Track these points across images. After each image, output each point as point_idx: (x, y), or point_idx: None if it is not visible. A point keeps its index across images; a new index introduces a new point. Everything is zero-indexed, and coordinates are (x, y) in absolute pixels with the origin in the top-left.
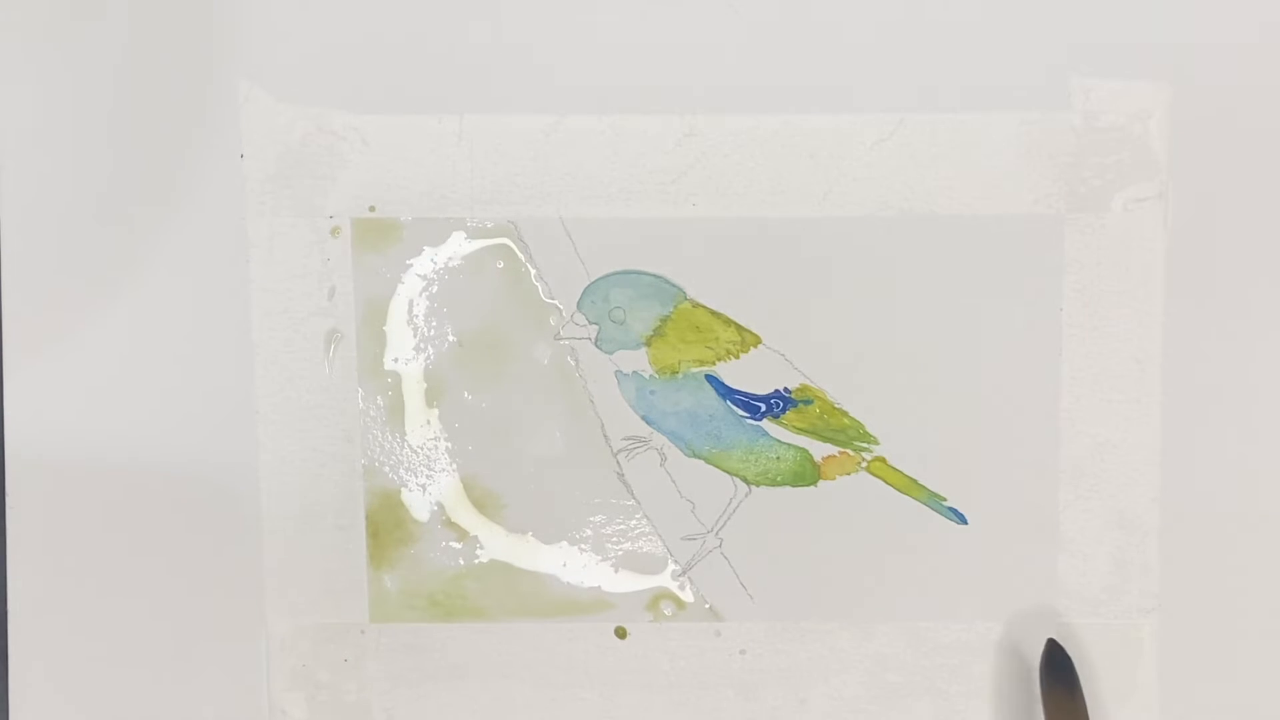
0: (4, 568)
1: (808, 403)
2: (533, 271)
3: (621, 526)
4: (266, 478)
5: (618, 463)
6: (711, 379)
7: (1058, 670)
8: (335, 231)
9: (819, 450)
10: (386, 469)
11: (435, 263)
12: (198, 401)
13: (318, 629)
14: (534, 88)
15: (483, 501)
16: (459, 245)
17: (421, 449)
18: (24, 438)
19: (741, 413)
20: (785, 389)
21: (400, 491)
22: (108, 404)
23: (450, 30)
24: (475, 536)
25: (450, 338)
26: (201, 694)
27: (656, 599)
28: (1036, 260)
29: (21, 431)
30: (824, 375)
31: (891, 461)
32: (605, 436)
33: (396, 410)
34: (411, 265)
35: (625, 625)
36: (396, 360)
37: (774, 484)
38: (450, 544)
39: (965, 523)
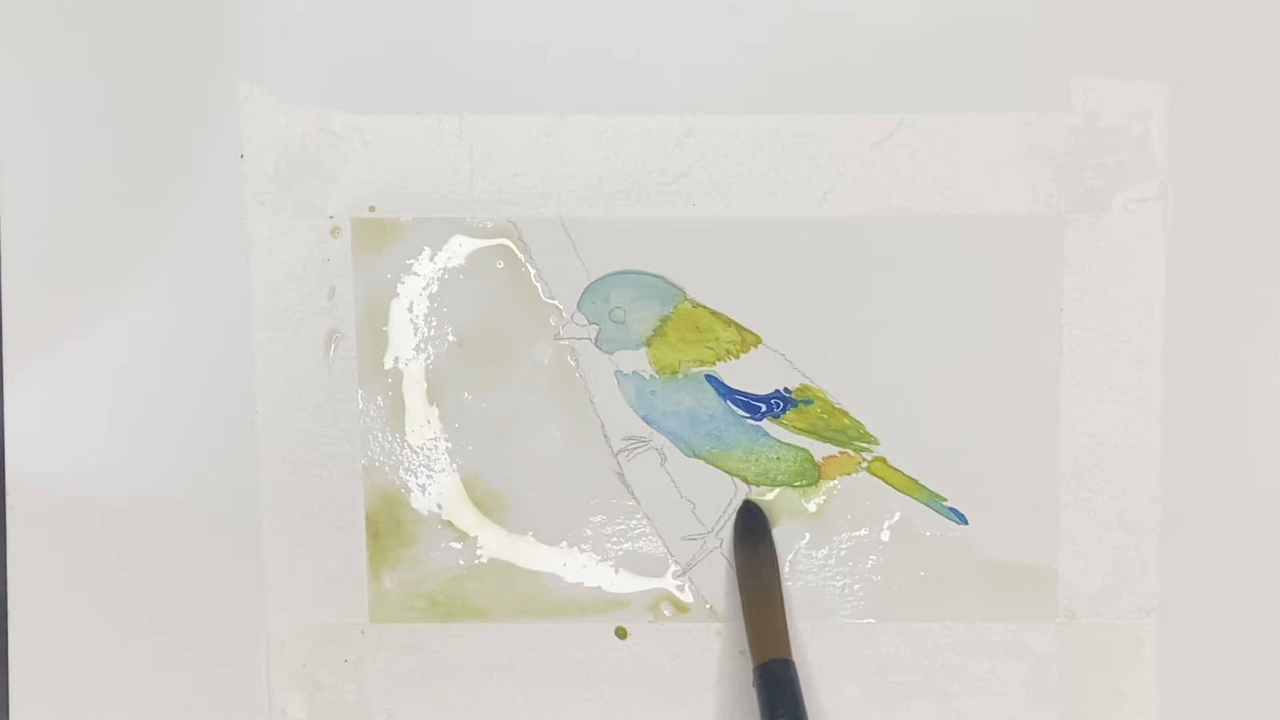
0: (4, 568)
1: (808, 403)
2: (533, 271)
3: (621, 526)
4: (266, 478)
5: (618, 463)
6: (711, 379)
7: (748, 527)
8: (335, 231)
9: (819, 450)
10: (386, 469)
11: (435, 263)
12: (197, 402)
13: (318, 629)
14: (534, 88)
15: (483, 501)
16: (459, 245)
17: (421, 449)
18: (24, 438)
19: (741, 413)
20: (785, 389)
21: (400, 491)
22: (108, 404)
23: (450, 30)
24: (475, 536)
25: (450, 338)
26: (201, 694)
27: (657, 599)
28: (1036, 260)
29: (21, 431)
30: (824, 375)
31: (891, 461)
32: (605, 436)
33: (396, 410)
34: (411, 265)
35: (625, 625)
36: (396, 360)
37: (774, 484)
38: (450, 544)
39: (965, 523)
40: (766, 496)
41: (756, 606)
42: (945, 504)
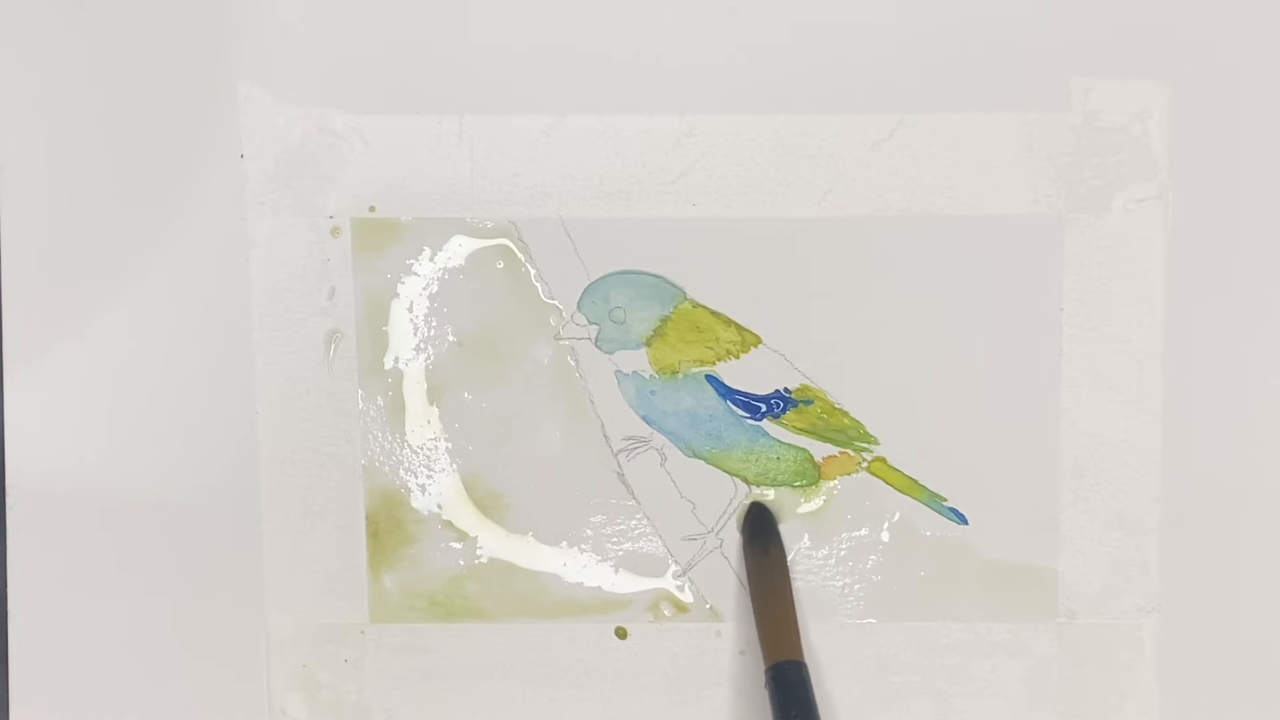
0: (4, 568)
1: (808, 403)
2: (533, 271)
3: (621, 526)
4: (266, 478)
5: (618, 463)
6: (711, 379)
7: (757, 529)
8: (335, 231)
9: (819, 450)
10: (386, 469)
11: (435, 263)
12: (197, 402)
13: (318, 629)
14: (534, 88)
15: (483, 501)
16: (459, 245)
17: (421, 449)
18: (24, 437)
19: (741, 413)
20: (785, 389)
21: (400, 491)
22: (108, 404)
23: (450, 30)
24: (475, 536)
25: (450, 338)
26: (201, 694)
27: (657, 599)
28: (1036, 260)
29: (22, 431)
30: (824, 375)
31: (891, 461)
32: (605, 436)
33: (396, 410)
34: (411, 265)
35: (625, 625)
36: (396, 360)
37: (774, 484)
38: (450, 544)
39: (965, 523)
40: (766, 496)
41: (768, 608)
42: (945, 504)
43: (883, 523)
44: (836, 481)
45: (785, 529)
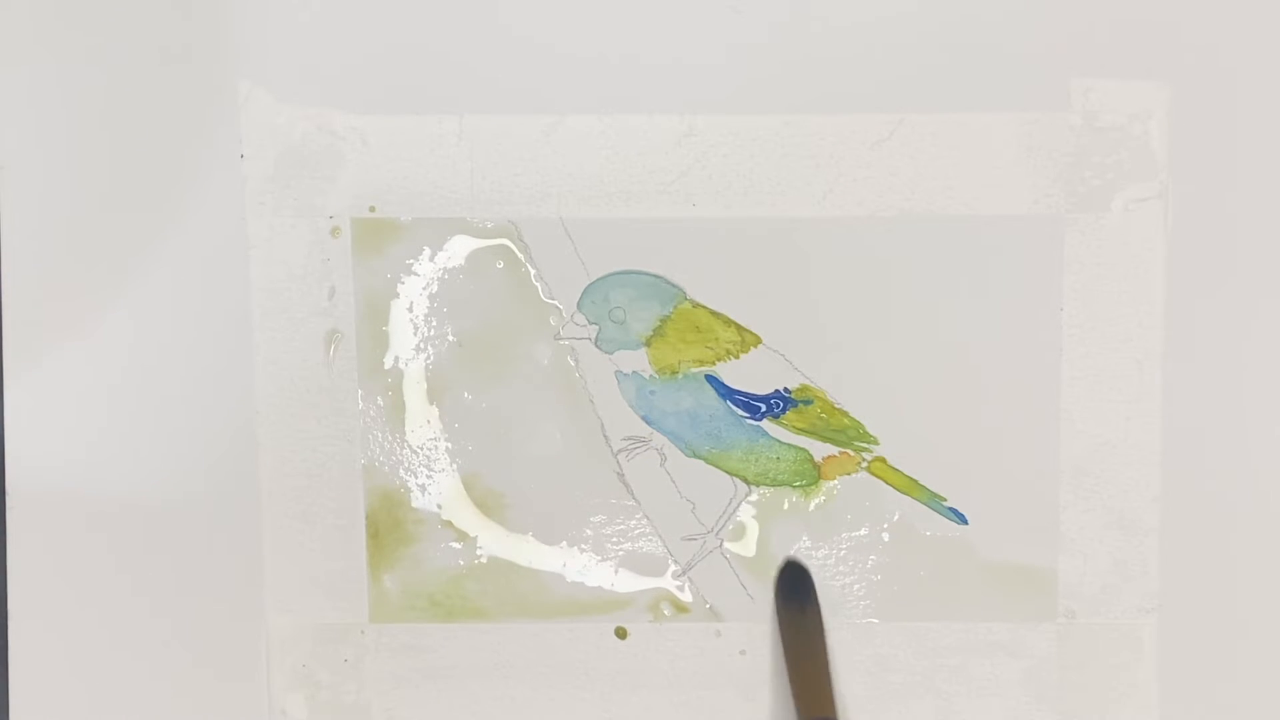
0: (4, 568)
1: (808, 403)
2: (533, 271)
3: (621, 526)
4: (266, 478)
5: (618, 463)
6: (711, 379)
7: (794, 587)
8: (335, 231)
9: (819, 450)
10: (386, 469)
11: (435, 263)
12: (197, 402)
13: (318, 629)
14: (534, 88)
15: (483, 501)
16: (459, 245)
17: (421, 449)
18: (24, 437)
19: (741, 413)
20: (785, 389)
21: (400, 491)
22: (108, 404)
23: (450, 30)
24: (475, 536)
25: (450, 338)
26: (201, 694)
27: (657, 599)
28: (1036, 260)
29: (21, 431)
30: (824, 375)
31: (891, 461)
32: (605, 436)
33: (396, 410)
34: (411, 265)
35: (625, 625)
36: (396, 360)
37: (774, 484)
38: (450, 544)
39: (965, 523)
40: (765, 496)
41: (803, 665)
42: (945, 504)
43: (883, 523)
44: (836, 481)
45: (785, 528)
